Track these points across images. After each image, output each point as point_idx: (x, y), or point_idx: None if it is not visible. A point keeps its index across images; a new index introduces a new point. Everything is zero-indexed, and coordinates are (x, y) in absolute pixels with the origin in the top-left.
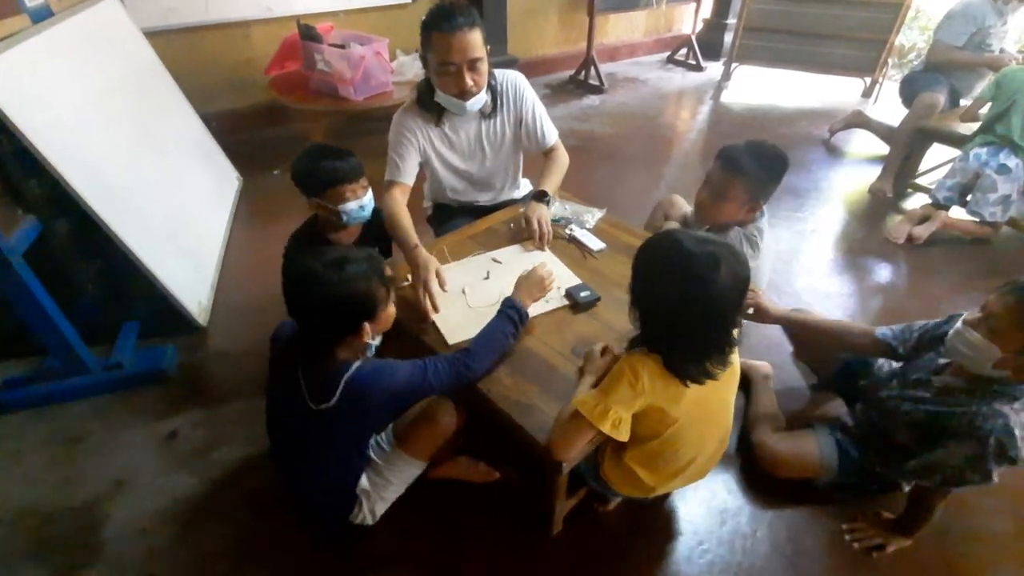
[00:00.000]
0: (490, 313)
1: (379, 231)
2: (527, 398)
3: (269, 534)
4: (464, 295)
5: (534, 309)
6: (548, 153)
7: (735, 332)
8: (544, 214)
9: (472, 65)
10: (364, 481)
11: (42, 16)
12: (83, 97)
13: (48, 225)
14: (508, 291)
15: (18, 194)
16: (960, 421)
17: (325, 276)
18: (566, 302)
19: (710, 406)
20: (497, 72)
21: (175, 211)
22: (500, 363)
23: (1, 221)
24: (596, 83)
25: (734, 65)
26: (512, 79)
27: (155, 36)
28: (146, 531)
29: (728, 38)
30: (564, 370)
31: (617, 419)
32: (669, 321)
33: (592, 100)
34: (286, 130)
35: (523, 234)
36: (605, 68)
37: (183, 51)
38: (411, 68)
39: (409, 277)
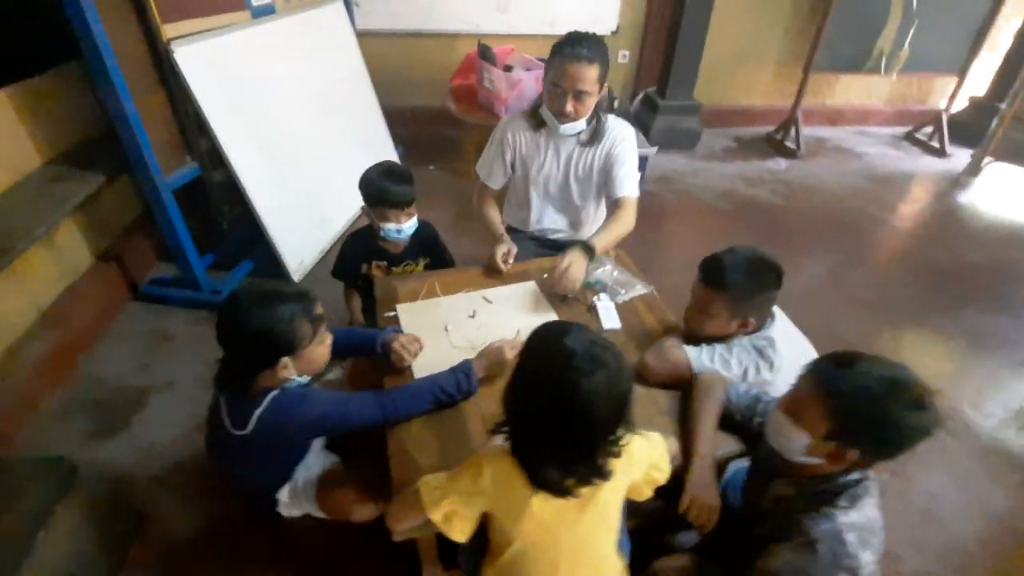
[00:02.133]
0: (468, 355)
1: (429, 245)
2: (420, 454)
3: None
4: (447, 332)
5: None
6: (616, 205)
7: (609, 458)
8: (578, 265)
9: (577, 95)
10: (286, 493)
11: (262, 12)
12: (270, 80)
13: (206, 173)
14: (492, 334)
15: (190, 145)
16: (788, 523)
17: (248, 306)
18: None
19: (563, 537)
20: (612, 118)
21: (317, 186)
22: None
23: (168, 162)
24: (792, 146)
25: (988, 159)
26: (621, 128)
27: (375, 37)
28: (165, 432)
29: (993, 125)
30: (475, 441)
31: (451, 512)
32: (531, 417)
33: (777, 164)
34: (453, 133)
35: (552, 280)
36: (816, 132)
37: (394, 51)
38: None
39: (398, 307)
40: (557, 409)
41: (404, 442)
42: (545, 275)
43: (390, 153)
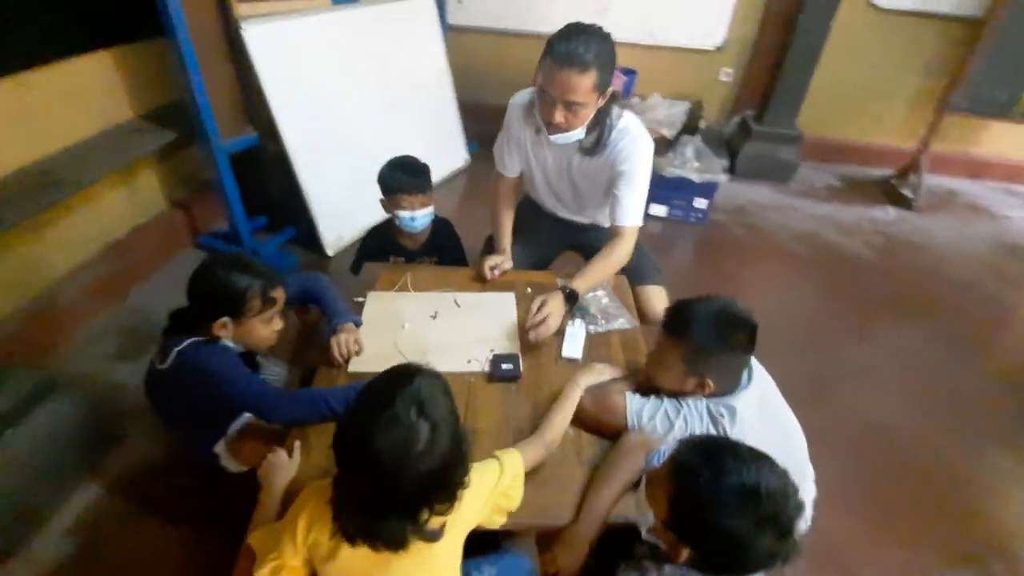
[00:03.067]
0: (413, 359)
1: (444, 242)
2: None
3: None
4: (403, 330)
5: (448, 364)
6: (613, 233)
7: (438, 521)
8: (556, 314)
9: (568, 106)
10: (221, 446)
11: (344, 0)
12: (338, 66)
13: (263, 143)
14: (447, 341)
15: (251, 116)
16: None
17: (216, 264)
18: (486, 368)
19: None
20: (624, 123)
21: (370, 170)
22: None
23: (228, 128)
24: (908, 194)
25: None
26: (633, 143)
27: (466, 33)
28: None
29: None
30: None
31: (279, 565)
32: (339, 457)
33: (884, 213)
34: None
35: (525, 322)
36: (947, 183)
37: (483, 48)
38: (658, 112)
39: (368, 295)
40: (351, 459)
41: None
42: (529, 288)
43: (460, 148)
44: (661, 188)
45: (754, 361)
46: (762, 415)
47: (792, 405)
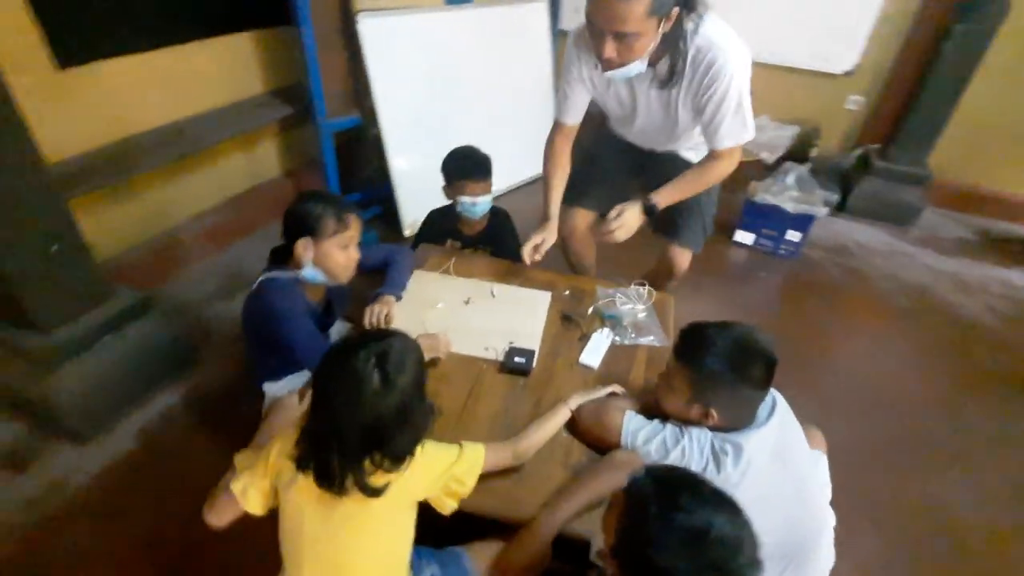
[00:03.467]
0: None
1: (501, 232)
2: None
3: None
4: (434, 309)
5: (465, 347)
6: (710, 156)
7: (381, 478)
8: (631, 219)
9: (620, 37)
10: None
11: (457, 0)
12: (444, 63)
13: (365, 125)
14: (471, 327)
15: (357, 99)
16: None
17: (303, 194)
18: (500, 358)
19: (307, 527)
20: (703, 38)
21: None
22: None
23: (335, 109)
24: None
25: None
26: (716, 57)
27: None
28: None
29: None
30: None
31: (248, 484)
32: (312, 384)
33: (1022, 277)
34: None
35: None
36: None
37: None
38: (761, 135)
39: (415, 272)
40: (314, 393)
41: None
42: (567, 291)
43: None
44: (751, 214)
45: (781, 403)
46: (776, 462)
47: (849, 476)
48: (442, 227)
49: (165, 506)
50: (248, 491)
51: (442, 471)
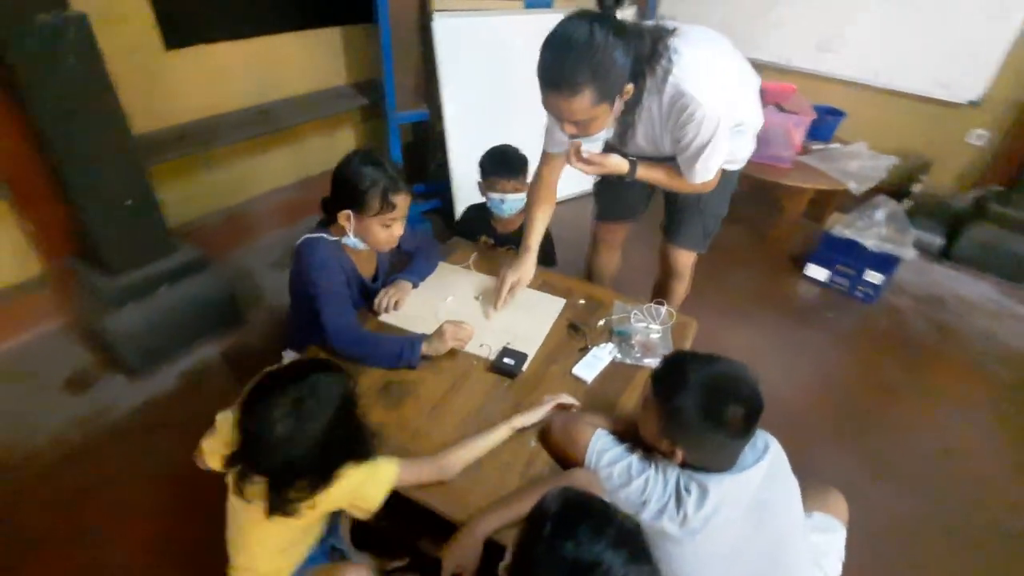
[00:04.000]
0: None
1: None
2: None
3: None
4: (445, 301)
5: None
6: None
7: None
8: (611, 162)
9: (575, 123)
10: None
11: (537, 4)
12: (515, 66)
13: (432, 121)
14: (474, 322)
15: (427, 95)
16: None
17: (352, 153)
18: (492, 356)
19: (232, 517)
20: (676, 89)
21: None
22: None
23: (405, 102)
24: None
25: None
26: (689, 104)
27: None
28: None
29: None
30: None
31: (214, 448)
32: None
33: None
34: None
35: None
36: None
37: None
38: (851, 163)
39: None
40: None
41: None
42: (582, 300)
43: None
44: (827, 248)
45: (774, 450)
46: (752, 516)
47: (893, 551)
48: (478, 223)
49: (190, 443)
50: (212, 451)
51: (351, 490)
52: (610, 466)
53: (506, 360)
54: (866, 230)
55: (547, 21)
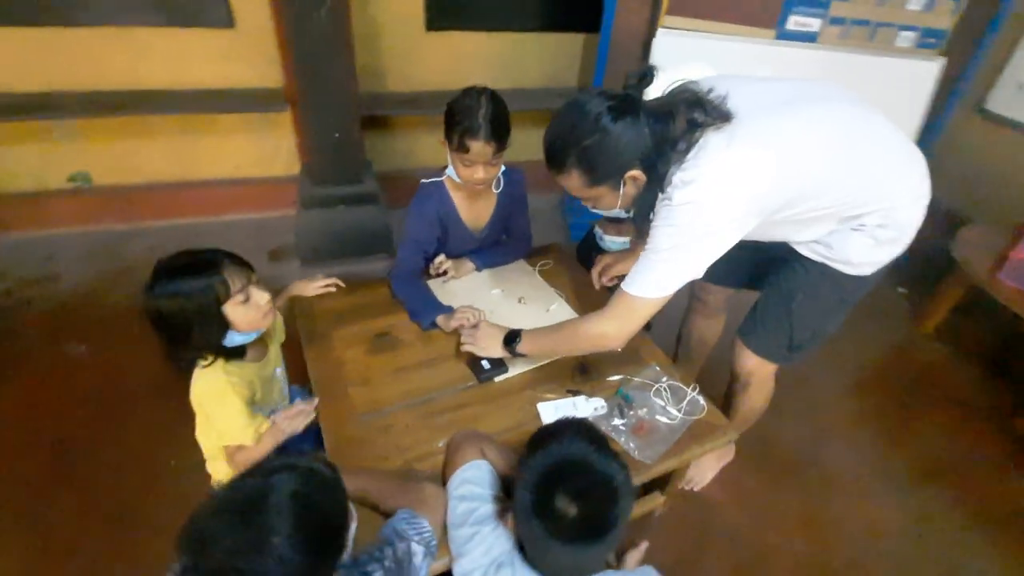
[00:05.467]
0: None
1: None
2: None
3: None
4: (490, 293)
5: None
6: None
7: None
8: (484, 338)
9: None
10: None
11: (797, 38)
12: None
13: None
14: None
15: None
16: None
17: (470, 90)
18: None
19: None
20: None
21: None
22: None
23: None
24: None
25: None
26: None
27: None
28: None
29: None
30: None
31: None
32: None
33: None
34: None
35: None
36: None
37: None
38: None
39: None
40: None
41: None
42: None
43: None
44: None
45: None
46: None
47: None
48: (591, 249)
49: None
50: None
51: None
52: (460, 500)
53: (483, 363)
54: None
55: (804, 58)
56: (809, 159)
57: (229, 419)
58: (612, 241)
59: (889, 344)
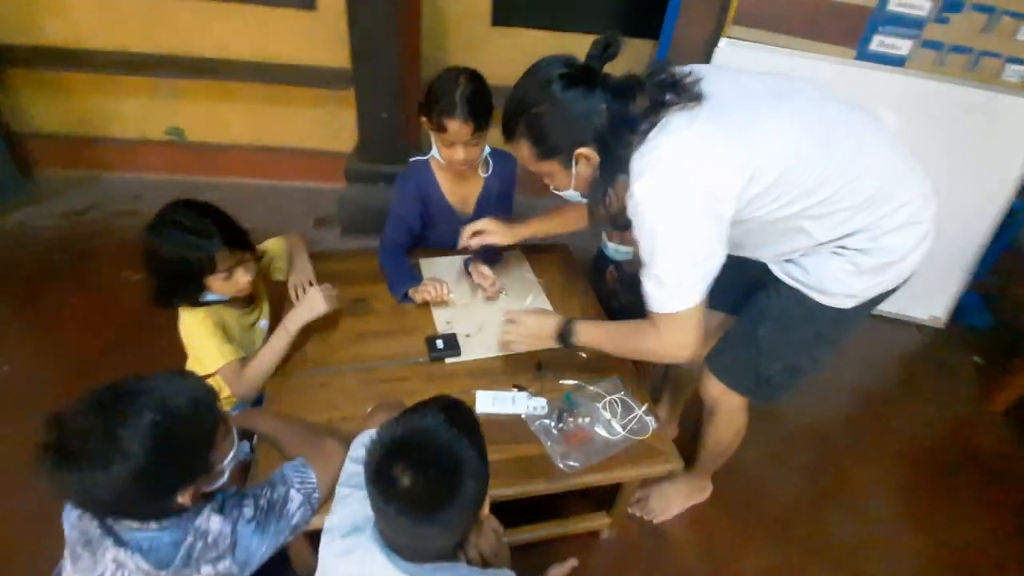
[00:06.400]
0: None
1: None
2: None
3: None
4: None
5: (441, 316)
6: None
7: None
8: (531, 334)
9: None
10: None
11: (881, 60)
12: None
13: None
14: (472, 311)
15: None
16: None
17: (454, 68)
18: (439, 330)
19: None
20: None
21: None
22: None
23: None
24: None
25: None
26: (635, 206)
27: None
28: None
29: None
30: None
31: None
32: None
33: None
34: None
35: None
36: None
37: None
38: None
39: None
40: None
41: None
42: (584, 354)
43: None
44: None
45: None
46: None
47: None
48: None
49: None
50: None
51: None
52: (352, 462)
53: (438, 343)
54: None
55: (881, 81)
56: (782, 150)
57: (201, 348)
58: (616, 249)
59: (946, 415)
